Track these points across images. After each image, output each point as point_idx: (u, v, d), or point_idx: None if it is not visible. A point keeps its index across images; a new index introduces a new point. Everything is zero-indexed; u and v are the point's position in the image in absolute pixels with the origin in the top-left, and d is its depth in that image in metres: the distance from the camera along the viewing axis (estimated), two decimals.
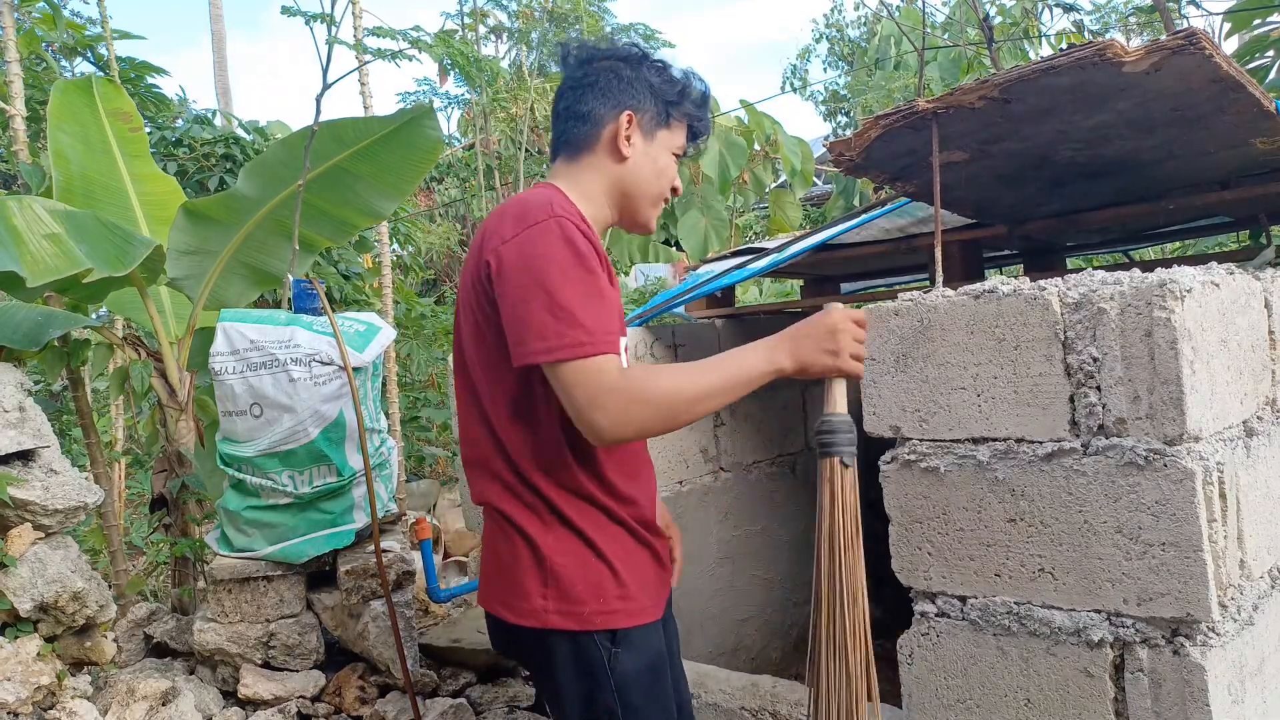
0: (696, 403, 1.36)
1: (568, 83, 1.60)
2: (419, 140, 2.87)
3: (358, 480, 2.57)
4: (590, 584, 1.46)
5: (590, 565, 1.47)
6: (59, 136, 3.03)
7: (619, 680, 1.46)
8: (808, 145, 6.16)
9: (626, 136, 1.55)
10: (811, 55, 16.19)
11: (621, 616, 1.48)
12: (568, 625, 1.45)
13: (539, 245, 1.36)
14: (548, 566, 1.46)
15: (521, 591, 1.48)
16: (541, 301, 1.33)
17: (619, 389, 1.31)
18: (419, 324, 5.39)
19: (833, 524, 1.46)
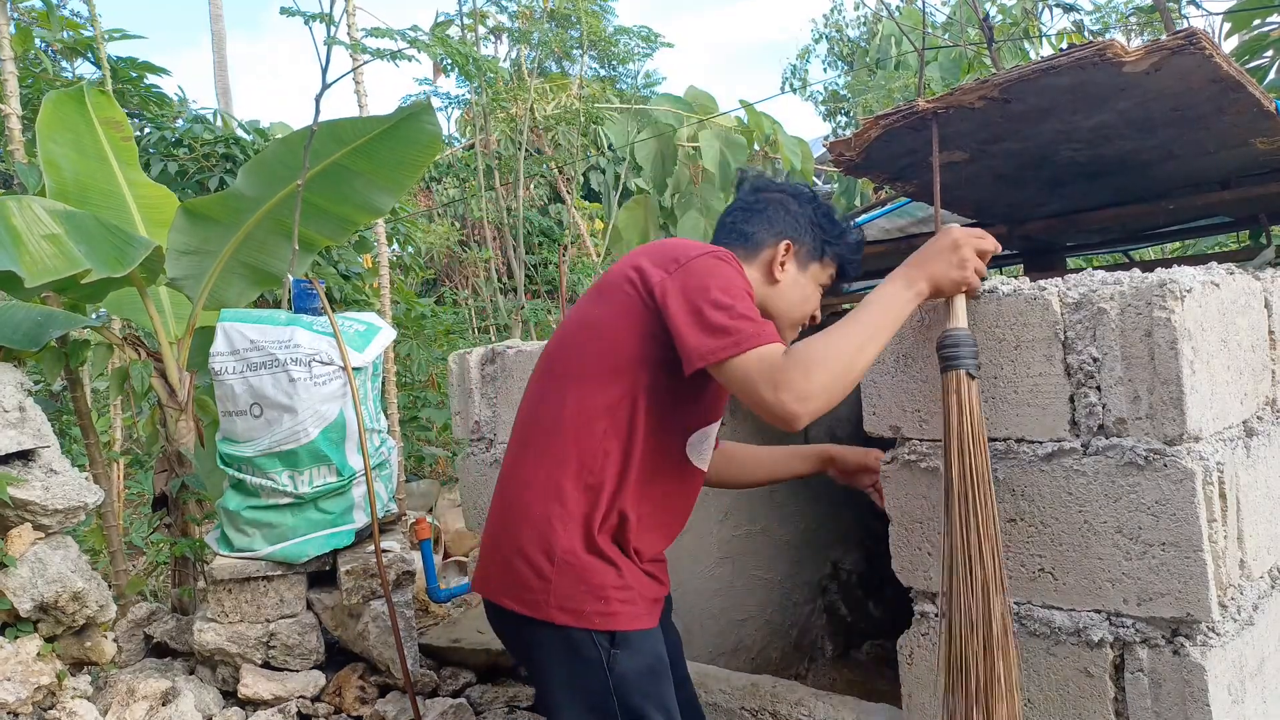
0: (862, 350, 1.42)
1: (738, 204, 1.78)
2: (418, 135, 2.87)
3: (358, 480, 2.57)
4: (594, 585, 1.50)
5: (596, 568, 1.51)
6: (50, 146, 3.02)
7: (617, 680, 1.49)
8: (807, 145, 6.16)
9: (782, 263, 1.69)
10: (811, 55, 16.19)
11: (623, 619, 1.51)
12: (567, 621, 1.49)
13: (711, 266, 1.50)
14: (557, 561, 1.50)
15: (525, 581, 1.52)
16: (723, 309, 1.43)
17: (791, 365, 1.38)
18: (419, 324, 5.39)
19: (961, 430, 1.47)
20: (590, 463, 1.53)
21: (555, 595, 1.50)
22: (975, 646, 1.44)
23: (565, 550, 1.50)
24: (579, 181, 7.94)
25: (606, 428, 1.53)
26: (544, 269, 7.85)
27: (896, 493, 1.71)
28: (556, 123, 6.75)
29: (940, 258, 1.49)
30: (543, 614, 1.51)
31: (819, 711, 1.96)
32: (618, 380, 1.53)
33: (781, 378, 1.37)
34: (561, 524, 1.51)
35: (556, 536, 1.51)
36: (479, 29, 7.13)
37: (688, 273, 1.49)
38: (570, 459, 1.54)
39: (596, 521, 1.52)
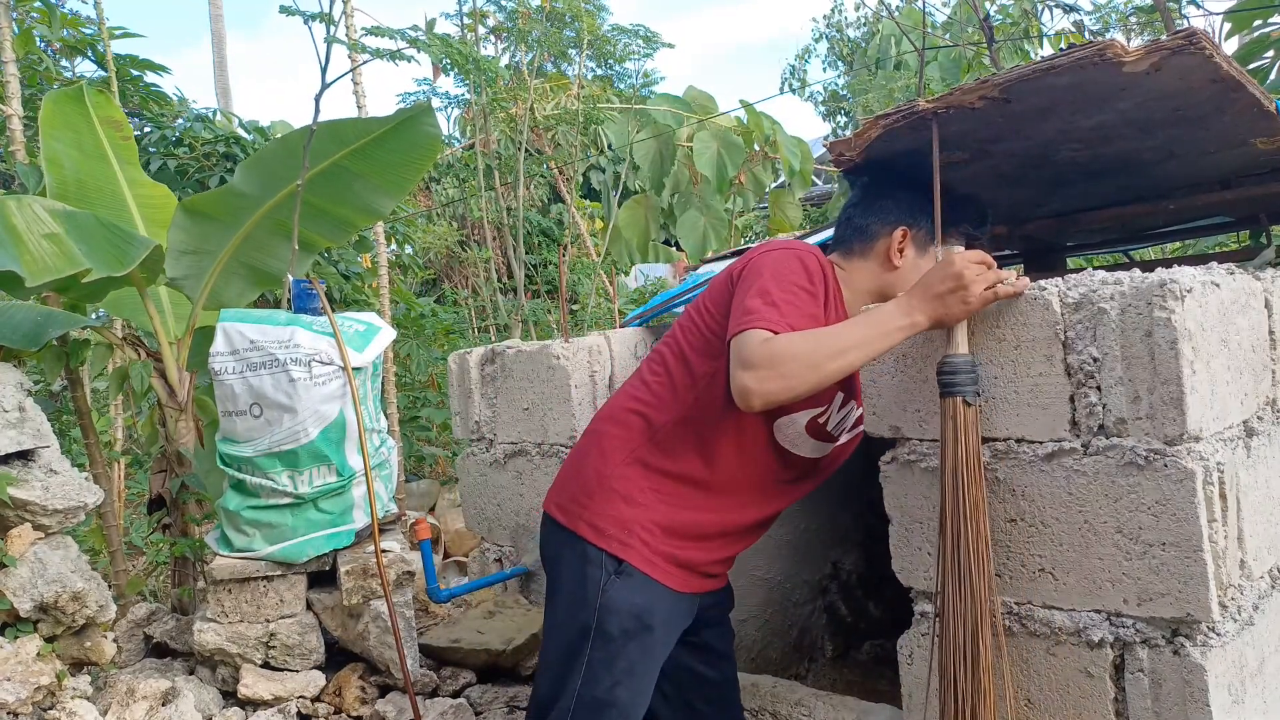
0: (836, 357, 1.45)
1: (852, 197, 1.87)
2: (418, 138, 2.86)
3: (357, 480, 2.57)
4: (625, 517, 1.65)
5: (635, 503, 1.66)
6: (52, 144, 3.03)
7: (605, 602, 1.61)
8: (807, 145, 6.16)
9: (900, 249, 1.76)
10: (811, 55, 16.18)
11: (635, 555, 1.63)
12: (590, 536, 1.65)
13: (781, 259, 1.60)
14: (604, 485, 1.68)
15: (573, 496, 1.72)
16: (758, 291, 1.53)
17: (764, 349, 1.44)
18: (419, 324, 5.39)
19: (957, 459, 1.51)
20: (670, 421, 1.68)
21: (590, 512, 1.67)
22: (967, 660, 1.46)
23: (613, 477, 1.67)
24: (579, 181, 7.95)
25: (696, 395, 1.67)
26: (544, 269, 7.86)
27: (896, 493, 1.71)
28: (556, 123, 6.75)
29: (946, 296, 1.49)
30: (574, 525, 1.68)
31: (819, 711, 1.96)
32: (713, 355, 1.66)
33: (752, 359, 1.44)
34: (623, 457, 1.68)
35: (611, 464, 1.69)
36: (478, 29, 7.13)
37: (759, 260, 1.61)
38: (657, 414, 1.69)
39: (652, 468, 1.67)
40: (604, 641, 1.60)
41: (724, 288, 1.68)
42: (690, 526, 1.68)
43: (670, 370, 1.72)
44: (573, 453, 1.82)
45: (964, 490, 1.49)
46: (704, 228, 6.18)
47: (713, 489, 1.68)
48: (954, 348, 1.54)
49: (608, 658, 1.61)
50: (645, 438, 1.69)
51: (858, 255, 1.79)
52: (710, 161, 5.86)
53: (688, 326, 1.74)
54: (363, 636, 2.55)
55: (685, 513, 1.67)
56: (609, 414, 1.78)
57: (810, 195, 8.03)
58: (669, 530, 1.66)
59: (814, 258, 1.62)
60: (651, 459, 1.68)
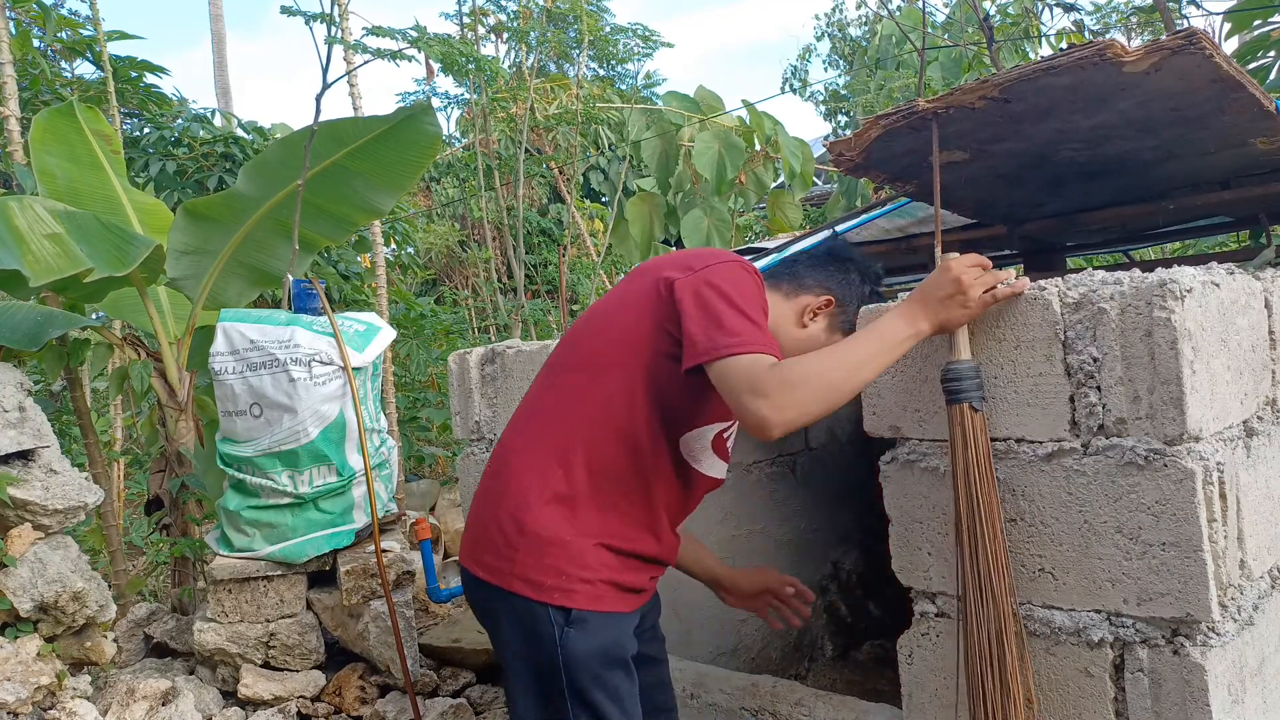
0: (850, 376, 1.42)
1: (812, 250, 1.87)
2: (417, 136, 2.87)
3: (357, 480, 2.57)
4: (557, 561, 1.53)
5: (561, 544, 1.54)
6: (43, 158, 3.04)
7: (567, 658, 1.52)
8: (808, 146, 6.15)
9: (814, 312, 1.73)
10: (813, 54, 16.19)
11: (580, 598, 1.53)
12: (527, 592, 1.53)
13: (736, 274, 1.54)
14: (526, 533, 1.54)
15: (495, 549, 1.57)
16: (734, 311, 1.47)
17: (777, 376, 1.39)
18: (418, 324, 5.39)
19: (968, 464, 1.50)
20: (577, 445, 1.57)
21: (519, 566, 1.54)
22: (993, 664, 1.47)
23: (534, 523, 1.54)
24: (579, 181, 7.94)
25: (600, 413, 1.57)
26: (544, 269, 7.85)
27: (896, 493, 1.71)
28: (556, 123, 6.75)
29: (946, 301, 1.48)
30: (506, 583, 1.55)
31: (819, 711, 1.96)
32: (620, 369, 1.57)
33: (764, 386, 1.38)
34: (537, 498, 1.55)
35: (529, 510, 1.55)
36: (479, 28, 7.13)
37: (708, 274, 1.53)
38: (558, 439, 1.58)
39: (571, 501, 1.55)
40: (581, 697, 1.53)
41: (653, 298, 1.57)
42: (622, 552, 1.59)
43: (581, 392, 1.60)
44: (481, 497, 1.67)
45: (978, 495, 1.49)
46: (708, 228, 6.17)
47: (633, 511, 1.60)
48: (957, 353, 1.53)
49: (593, 708, 1.54)
50: (560, 470, 1.56)
51: (781, 294, 1.74)
52: (711, 162, 5.85)
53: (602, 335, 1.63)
54: (363, 636, 2.55)
55: (614, 540, 1.58)
56: (510, 450, 1.64)
57: (811, 195, 8.02)
58: (604, 561, 1.56)
59: (754, 270, 1.59)
60: (570, 493, 1.56)
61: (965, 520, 1.51)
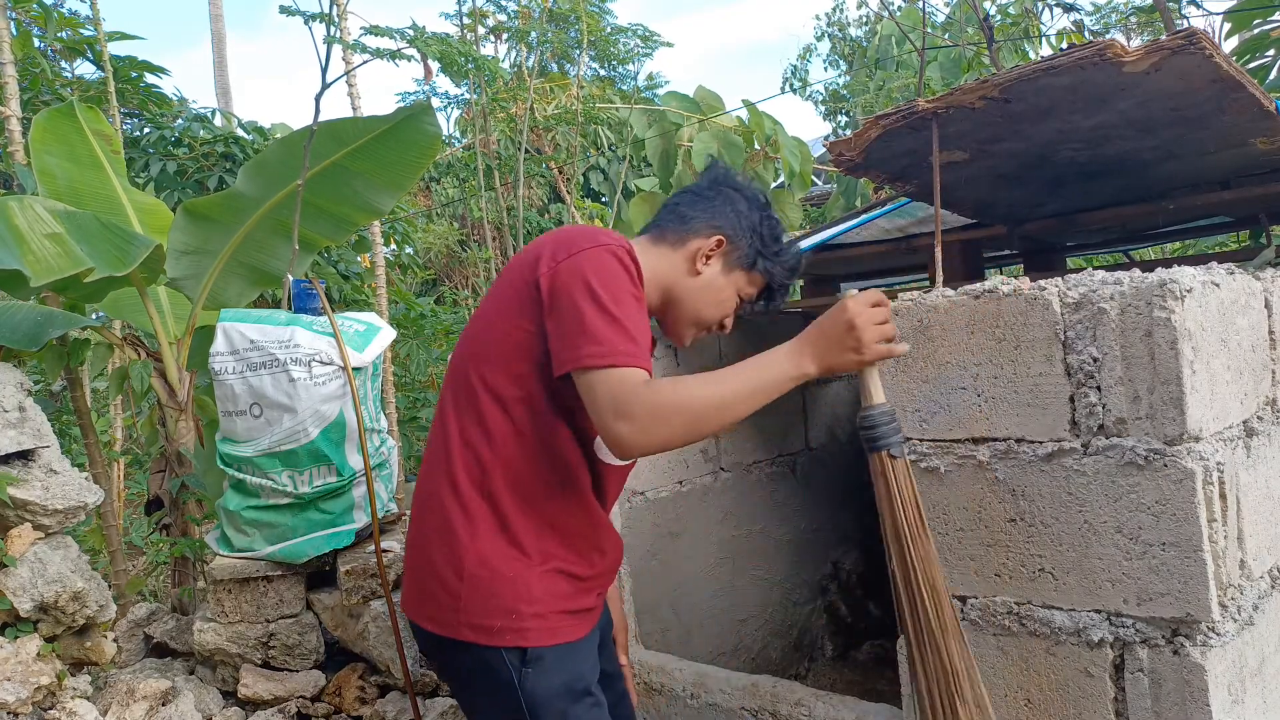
0: (722, 412, 1.33)
1: (691, 189, 1.68)
2: (417, 136, 2.87)
3: (358, 480, 2.57)
4: (504, 600, 1.44)
5: (505, 581, 1.45)
6: (43, 158, 3.04)
7: (529, 700, 1.44)
8: (807, 146, 6.15)
9: (707, 255, 1.59)
10: (813, 54, 16.20)
11: (534, 635, 1.45)
12: (477, 639, 1.44)
13: (603, 262, 1.39)
14: (466, 576, 1.45)
15: (436, 600, 1.48)
16: (600, 312, 1.35)
17: (645, 400, 1.30)
18: (418, 324, 5.39)
19: (895, 518, 1.43)
20: (487, 467, 1.46)
21: (465, 612, 1.45)
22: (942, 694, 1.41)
23: (473, 563, 1.44)
24: (579, 181, 7.94)
25: (500, 427, 1.46)
26: None
27: None
28: (557, 123, 6.75)
29: (833, 340, 1.38)
30: (454, 632, 1.46)
31: (819, 711, 1.96)
32: (510, 382, 1.46)
33: (630, 409, 1.29)
34: (467, 535, 1.45)
35: (463, 549, 1.45)
36: (479, 29, 7.13)
37: (573, 265, 1.40)
38: (466, 467, 1.47)
39: (502, 530, 1.46)
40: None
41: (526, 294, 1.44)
42: (561, 575, 1.50)
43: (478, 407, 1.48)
44: (412, 545, 1.57)
45: (911, 550, 1.42)
46: None
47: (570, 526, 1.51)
48: (869, 399, 1.43)
49: None
50: (482, 505, 1.46)
51: (668, 244, 1.60)
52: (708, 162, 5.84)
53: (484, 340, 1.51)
54: (363, 636, 2.55)
55: (558, 562, 1.49)
56: (429, 492, 1.53)
57: (810, 195, 8.02)
58: (552, 590, 1.47)
59: (627, 253, 1.44)
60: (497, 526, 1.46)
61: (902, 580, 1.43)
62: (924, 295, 1.63)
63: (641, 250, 1.57)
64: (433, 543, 1.49)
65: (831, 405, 3.58)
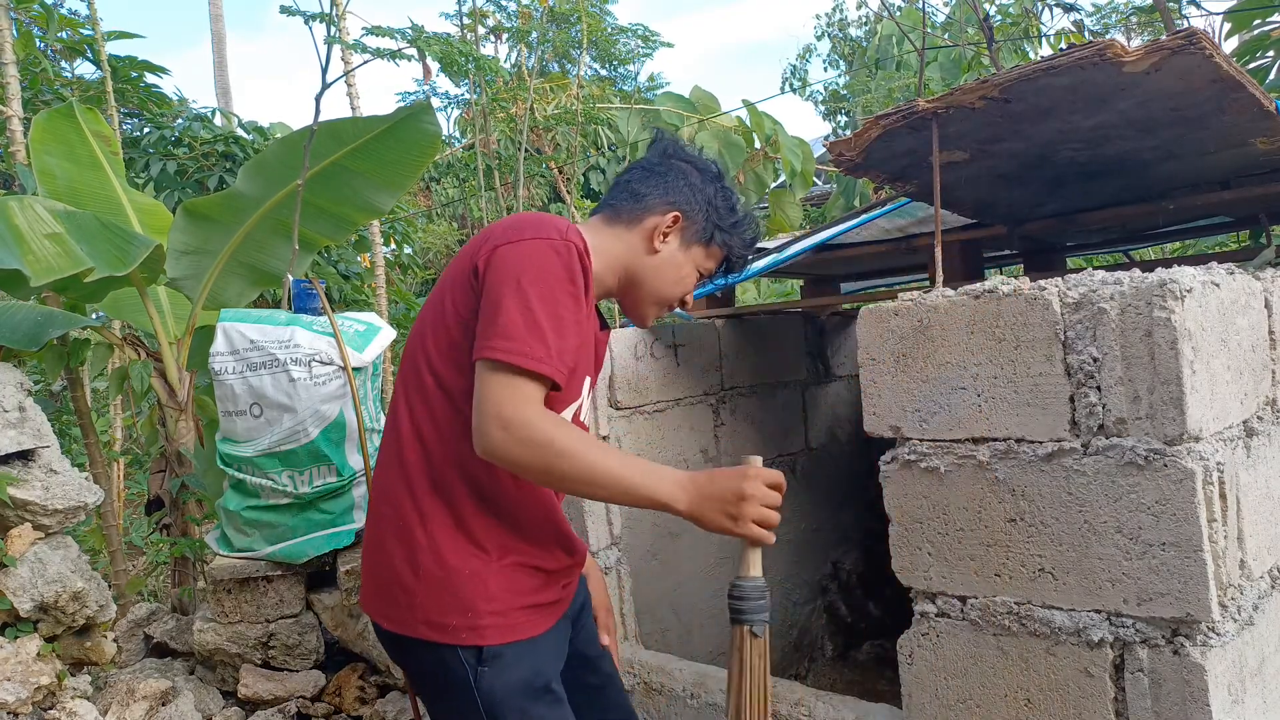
0: (586, 483, 1.32)
1: (641, 164, 1.63)
2: (417, 136, 2.87)
3: (358, 480, 2.57)
4: (461, 597, 1.41)
5: (461, 577, 1.42)
6: (43, 158, 3.04)
7: (485, 698, 1.41)
8: (808, 145, 6.15)
9: (664, 233, 1.56)
10: (813, 54, 16.21)
11: (490, 633, 1.41)
12: (434, 637, 1.42)
13: (539, 256, 1.36)
14: (422, 573, 1.42)
15: (393, 597, 1.45)
16: (521, 308, 1.31)
17: (534, 423, 1.28)
18: None
19: (741, 694, 1.40)
20: (439, 462, 1.43)
21: (421, 610, 1.42)
22: None
23: (429, 561, 1.42)
24: (579, 181, 7.94)
25: (451, 421, 1.42)
26: None
27: (896, 493, 1.71)
28: (557, 123, 6.75)
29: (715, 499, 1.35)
30: (411, 630, 1.43)
31: (819, 711, 1.96)
32: (458, 372, 1.42)
33: (512, 420, 1.27)
34: (422, 531, 1.42)
35: (418, 547, 1.42)
36: (479, 29, 7.13)
37: (510, 256, 1.36)
38: (419, 461, 1.44)
39: (457, 526, 1.43)
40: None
41: (467, 282, 1.41)
42: (523, 569, 1.47)
43: (428, 400, 1.45)
44: (368, 543, 1.53)
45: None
46: None
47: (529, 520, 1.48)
48: (745, 570, 1.42)
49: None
50: (437, 501, 1.43)
51: (623, 224, 1.57)
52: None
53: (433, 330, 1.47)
54: (363, 636, 2.55)
55: (512, 557, 1.45)
56: (384, 489, 1.50)
57: (810, 195, 8.02)
58: (511, 586, 1.44)
59: (571, 249, 1.38)
60: (453, 522, 1.43)
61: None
62: (924, 295, 1.63)
63: (595, 231, 1.56)
64: (388, 540, 1.46)
65: (832, 406, 3.58)
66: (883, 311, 1.66)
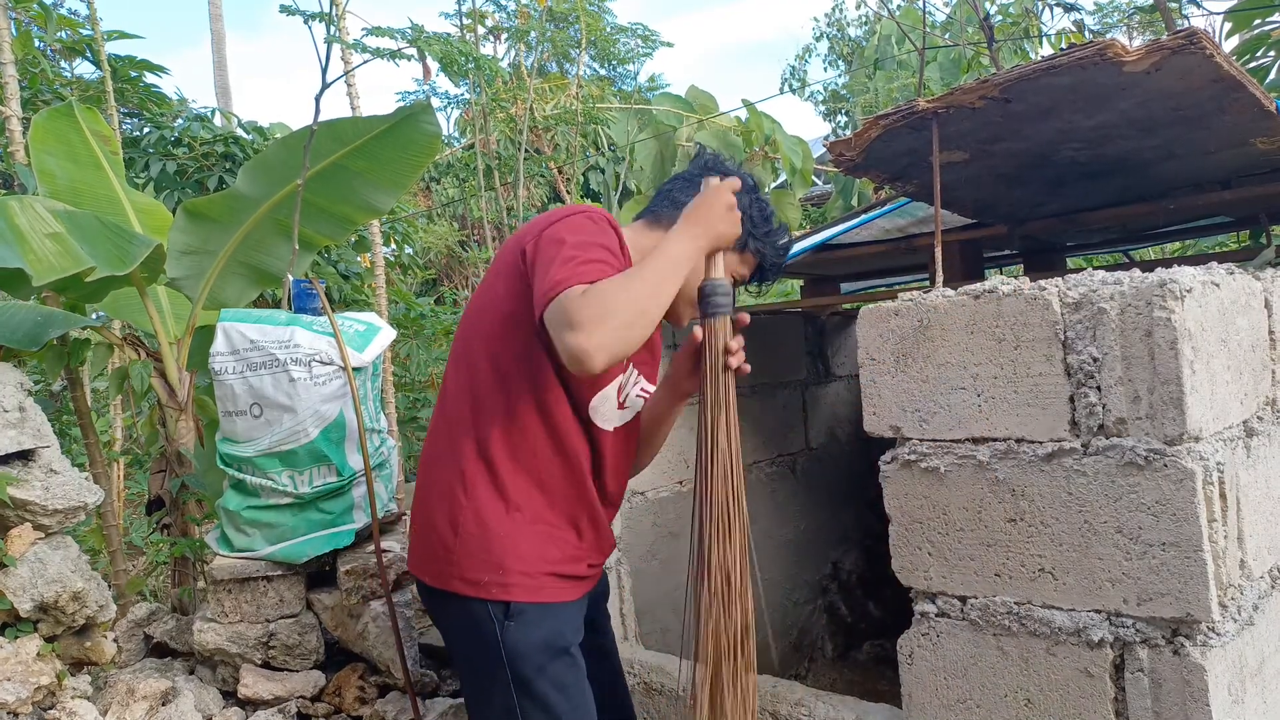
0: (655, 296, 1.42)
1: (682, 175, 1.79)
2: (417, 135, 2.87)
3: (358, 480, 2.57)
4: (493, 556, 1.56)
5: (495, 538, 1.56)
6: (43, 158, 3.03)
7: (509, 651, 1.55)
8: (807, 145, 6.16)
9: None
10: (812, 54, 16.21)
11: (518, 591, 1.55)
12: (468, 591, 1.56)
13: (575, 221, 1.52)
14: (461, 532, 1.57)
15: (434, 554, 1.61)
16: (562, 257, 1.43)
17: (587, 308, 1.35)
18: (418, 324, 5.39)
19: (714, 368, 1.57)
20: (481, 430, 1.57)
21: (458, 566, 1.57)
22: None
23: (468, 519, 1.57)
24: (579, 181, 7.94)
25: (497, 395, 1.57)
26: None
27: (896, 493, 1.71)
28: (556, 123, 6.75)
29: (721, 217, 1.53)
30: (448, 585, 1.58)
31: (819, 711, 1.96)
32: (506, 348, 1.57)
33: (576, 316, 1.34)
34: (464, 494, 1.57)
35: (460, 507, 1.58)
36: (478, 29, 7.13)
37: (551, 231, 1.51)
38: (467, 430, 1.59)
39: (497, 490, 1.57)
40: (527, 688, 1.55)
41: (514, 266, 1.55)
42: (553, 539, 1.60)
43: (476, 376, 1.59)
44: (416, 504, 1.71)
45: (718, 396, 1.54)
46: None
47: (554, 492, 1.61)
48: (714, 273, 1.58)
49: (540, 699, 1.56)
50: (480, 466, 1.58)
51: (663, 228, 1.66)
52: None
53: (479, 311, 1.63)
54: (363, 636, 2.55)
55: (543, 525, 1.59)
56: (433, 455, 1.66)
57: (810, 195, 8.03)
58: (541, 553, 1.58)
59: (603, 216, 1.56)
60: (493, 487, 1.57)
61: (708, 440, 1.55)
62: (924, 295, 1.63)
63: (636, 233, 1.69)
64: (434, 501, 1.62)
65: (832, 406, 3.58)
66: (883, 311, 1.66)
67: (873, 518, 1.75)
